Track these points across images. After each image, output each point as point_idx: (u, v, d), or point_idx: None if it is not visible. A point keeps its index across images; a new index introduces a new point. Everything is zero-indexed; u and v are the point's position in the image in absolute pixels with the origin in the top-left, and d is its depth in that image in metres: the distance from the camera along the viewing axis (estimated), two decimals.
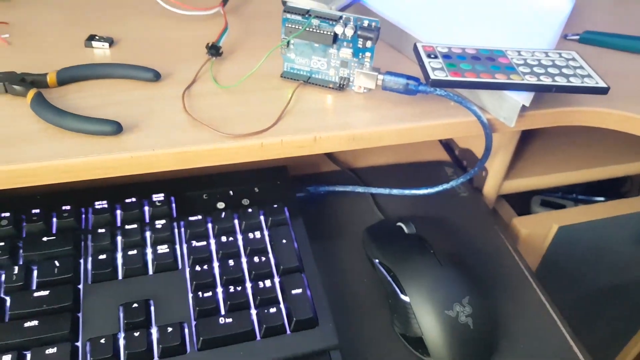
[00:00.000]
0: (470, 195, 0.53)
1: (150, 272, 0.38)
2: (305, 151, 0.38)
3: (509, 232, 0.55)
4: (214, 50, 0.44)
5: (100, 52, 0.45)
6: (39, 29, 0.47)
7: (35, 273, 0.37)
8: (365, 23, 0.39)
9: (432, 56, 0.41)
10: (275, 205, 0.42)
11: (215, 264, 0.39)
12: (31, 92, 0.37)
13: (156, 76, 0.41)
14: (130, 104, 0.39)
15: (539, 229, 0.55)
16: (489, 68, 0.40)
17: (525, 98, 0.39)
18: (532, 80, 0.39)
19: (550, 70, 0.41)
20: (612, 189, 0.72)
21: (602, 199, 0.69)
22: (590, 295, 0.69)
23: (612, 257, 0.65)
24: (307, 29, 0.40)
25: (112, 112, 0.38)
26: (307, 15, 0.40)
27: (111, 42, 0.45)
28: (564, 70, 0.41)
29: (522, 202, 0.67)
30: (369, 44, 0.40)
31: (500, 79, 0.39)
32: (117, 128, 0.35)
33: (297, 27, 0.40)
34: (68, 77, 0.40)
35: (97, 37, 0.45)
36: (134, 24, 0.49)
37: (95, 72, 0.41)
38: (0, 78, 0.39)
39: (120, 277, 0.37)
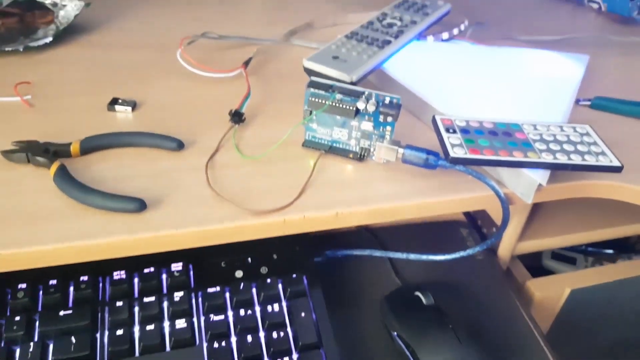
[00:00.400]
0: (485, 257, 0.53)
1: (168, 348, 0.37)
2: (327, 226, 0.38)
3: (522, 294, 0.55)
4: (237, 117, 0.45)
5: (123, 116, 0.45)
6: (61, 88, 0.48)
7: (51, 348, 0.36)
8: (387, 100, 0.40)
9: (451, 130, 0.41)
10: (294, 275, 0.42)
11: (233, 339, 0.38)
12: (54, 165, 0.38)
13: (180, 146, 0.41)
14: (154, 176, 0.39)
15: (552, 292, 0.55)
16: (507, 144, 0.41)
17: (542, 176, 0.40)
18: (549, 158, 0.40)
19: (566, 147, 0.41)
20: (621, 241, 0.72)
21: (611, 251, 0.69)
22: (602, 352, 0.68)
23: (624, 313, 0.65)
24: (331, 103, 0.41)
25: (136, 186, 0.38)
26: (330, 91, 0.40)
27: (134, 105, 0.46)
28: (579, 147, 0.41)
29: (533, 255, 0.67)
30: (389, 119, 0.40)
31: (518, 157, 0.39)
32: (140, 206, 0.35)
33: (320, 101, 0.41)
34: (91, 146, 0.41)
35: (120, 101, 0.46)
36: (157, 86, 0.50)
37: (119, 141, 0.41)
38: (23, 148, 0.39)
39: (137, 353, 0.37)
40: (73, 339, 0.36)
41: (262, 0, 0.72)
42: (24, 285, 0.39)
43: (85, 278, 0.40)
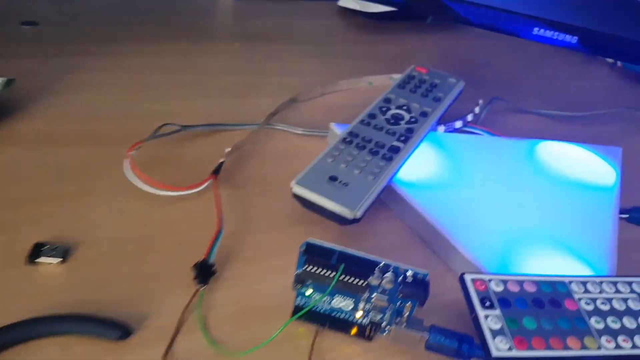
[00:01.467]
0: None
1: None
2: None
3: None
4: (204, 274, 0.34)
5: (49, 273, 0.33)
6: None
7: None
8: (410, 275, 0.31)
9: (487, 304, 0.33)
10: None
11: None
12: None
13: (124, 334, 0.31)
14: None
15: None
16: (557, 325, 0.32)
17: None
18: (610, 347, 0.31)
19: (627, 322, 0.33)
20: None
21: None
22: None
23: None
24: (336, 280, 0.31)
25: None
26: (333, 261, 0.31)
27: (65, 252, 0.34)
28: None
29: None
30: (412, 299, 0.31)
31: (574, 347, 0.31)
32: None
33: (319, 271, 0.31)
34: (2, 343, 0.30)
35: (45, 248, 0.34)
36: (98, 211, 0.38)
37: (38, 331, 0.30)
38: None
39: None
40: None
41: (232, 67, 0.60)
42: None
43: None
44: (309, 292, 0.33)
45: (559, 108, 0.60)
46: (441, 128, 0.48)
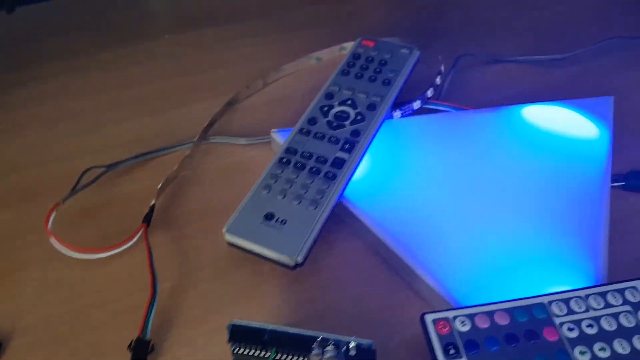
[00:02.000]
0: None
1: None
2: None
3: None
4: (140, 356, 0.31)
5: None
6: None
7: None
8: (353, 347, 0.26)
9: (451, 351, 0.28)
10: None
11: None
12: None
13: None
14: None
15: None
16: None
17: None
18: None
19: (619, 347, 0.28)
20: None
21: None
22: None
23: None
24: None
25: None
26: (265, 338, 0.26)
27: None
28: (637, 344, 0.28)
29: None
30: None
31: None
32: None
33: (251, 352, 0.27)
34: None
35: None
36: (30, 294, 0.34)
37: None
38: None
39: None
40: None
41: (163, 69, 0.53)
42: None
43: None
44: None
45: (540, 49, 0.52)
46: (397, 114, 0.42)
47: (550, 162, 0.38)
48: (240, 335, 0.27)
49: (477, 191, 0.36)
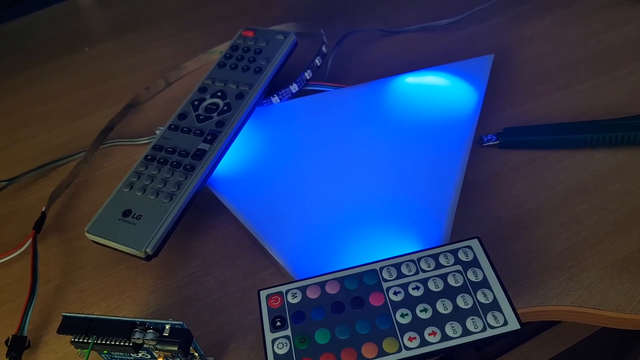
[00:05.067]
0: None
1: None
2: None
3: None
4: (16, 351, 0.33)
5: None
6: None
7: None
8: (167, 329, 0.28)
9: (277, 323, 0.29)
10: None
11: None
12: None
13: None
14: None
15: None
16: (354, 331, 0.28)
17: None
18: (413, 346, 0.27)
19: (441, 307, 0.29)
20: None
21: None
22: None
23: None
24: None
25: None
26: (88, 331, 0.28)
27: None
28: (460, 302, 0.29)
29: None
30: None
31: (368, 357, 0.27)
32: None
33: (81, 339, 0.29)
34: None
35: None
36: None
37: None
38: None
39: None
40: None
41: (76, 83, 0.54)
42: None
43: None
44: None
45: (430, 19, 0.52)
46: (276, 99, 0.42)
47: (418, 131, 0.38)
48: (69, 324, 0.29)
49: (336, 166, 0.37)
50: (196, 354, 0.30)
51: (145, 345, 0.28)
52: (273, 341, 0.29)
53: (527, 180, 0.38)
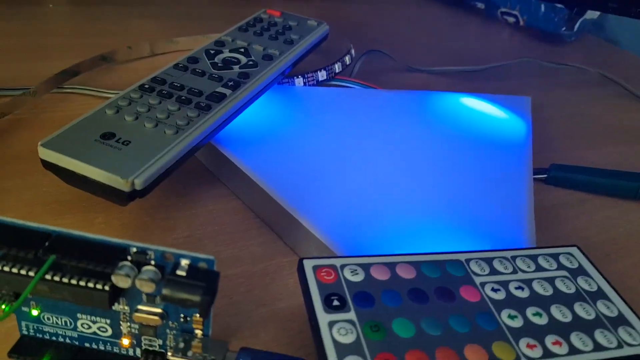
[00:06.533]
0: None
1: None
2: None
3: None
4: None
5: None
6: None
7: None
8: (185, 265, 0.17)
9: (335, 303, 0.20)
10: None
11: None
12: None
13: None
14: None
15: None
16: (449, 328, 0.20)
17: None
18: (535, 355, 0.19)
19: (558, 314, 0.21)
20: None
21: None
22: None
23: None
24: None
25: None
26: (44, 249, 0.17)
27: None
28: (579, 311, 0.21)
29: None
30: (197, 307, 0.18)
31: None
32: None
33: (16, 268, 0.17)
34: None
35: None
36: None
37: None
38: None
39: None
40: None
41: (49, 29, 0.46)
42: None
43: None
44: (35, 312, 0.19)
45: (455, 65, 0.50)
46: (299, 80, 0.36)
47: (475, 145, 0.33)
48: (8, 236, 0.17)
49: (385, 155, 0.30)
50: (199, 331, 0.19)
51: (142, 295, 0.17)
52: (331, 324, 0.19)
53: (581, 217, 0.33)
